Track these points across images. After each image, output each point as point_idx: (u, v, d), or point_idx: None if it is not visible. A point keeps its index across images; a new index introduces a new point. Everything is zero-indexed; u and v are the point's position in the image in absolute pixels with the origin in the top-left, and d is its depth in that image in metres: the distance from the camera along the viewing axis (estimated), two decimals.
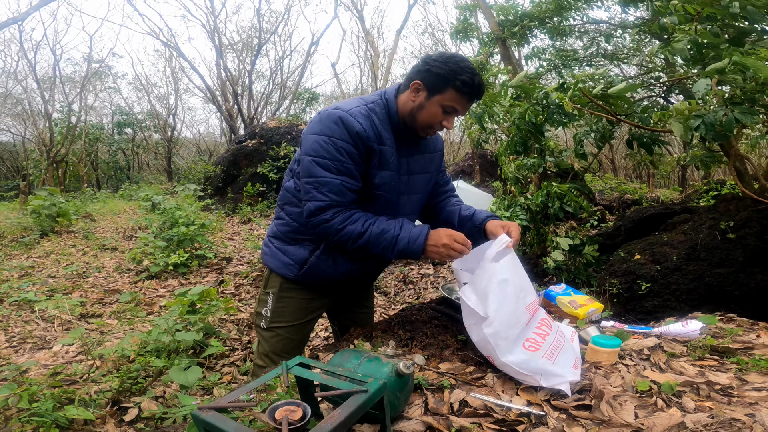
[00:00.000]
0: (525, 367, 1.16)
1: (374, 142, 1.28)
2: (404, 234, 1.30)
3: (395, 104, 1.34)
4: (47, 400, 1.58)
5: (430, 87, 1.27)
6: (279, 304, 1.52)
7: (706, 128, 2.03)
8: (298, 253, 1.45)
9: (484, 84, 1.30)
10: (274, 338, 1.53)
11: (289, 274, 1.46)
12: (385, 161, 1.31)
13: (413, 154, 1.42)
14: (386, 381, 0.85)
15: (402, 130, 1.36)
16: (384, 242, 1.29)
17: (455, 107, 1.28)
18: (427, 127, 1.33)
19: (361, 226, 1.29)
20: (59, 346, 2.67)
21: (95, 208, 9.16)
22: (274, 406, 0.77)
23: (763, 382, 1.21)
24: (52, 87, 15.26)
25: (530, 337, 1.23)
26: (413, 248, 1.29)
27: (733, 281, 2.33)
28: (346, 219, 1.29)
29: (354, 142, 1.25)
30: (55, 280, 4.38)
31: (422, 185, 1.50)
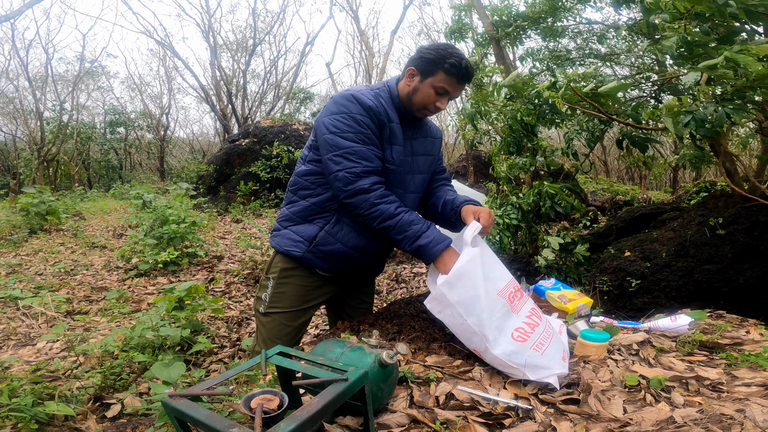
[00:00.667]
0: (513, 360, 1.14)
1: (384, 117, 1.39)
2: (431, 233, 1.34)
3: (396, 90, 1.46)
4: (27, 395, 1.53)
5: (423, 71, 1.38)
6: (278, 290, 1.56)
7: (696, 124, 2.02)
8: (309, 230, 1.50)
9: (471, 67, 1.39)
10: (271, 323, 1.56)
11: (297, 251, 1.50)
12: (395, 137, 1.41)
13: (416, 137, 1.54)
14: (367, 370, 0.83)
15: (404, 114, 1.47)
16: (410, 232, 1.34)
17: (446, 88, 1.38)
18: (423, 108, 1.43)
19: (395, 209, 1.34)
20: (43, 342, 2.62)
21: (85, 206, 9.05)
22: (251, 395, 0.75)
23: (752, 378, 1.21)
24: (44, 86, 15.10)
25: (519, 326, 1.21)
26: (433, 250, 1.33)
27: (722, 278, 2.33)
28: (383, 197, 1.35)
29: (369, 116, 1.36)
30: (42, 277, 4.31)
31: (425, 166, 1.59)
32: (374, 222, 1.36)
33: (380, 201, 1.34)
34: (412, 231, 1.34)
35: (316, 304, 1.64)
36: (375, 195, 1.34)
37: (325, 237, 1.49)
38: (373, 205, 1.34)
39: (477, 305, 1.17)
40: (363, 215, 1.36)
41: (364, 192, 1.33)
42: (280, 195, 8.66)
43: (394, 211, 1.34)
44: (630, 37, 6.44)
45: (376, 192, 1.34)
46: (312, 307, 1.63)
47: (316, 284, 1.58)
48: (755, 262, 2.30)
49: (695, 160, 3.14)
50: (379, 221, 1.35)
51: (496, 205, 4.24)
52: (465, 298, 1.18)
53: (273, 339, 1.55)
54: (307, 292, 1.58)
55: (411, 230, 1.34)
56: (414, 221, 1.35)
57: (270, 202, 8.59)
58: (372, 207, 1.34)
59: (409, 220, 1.35)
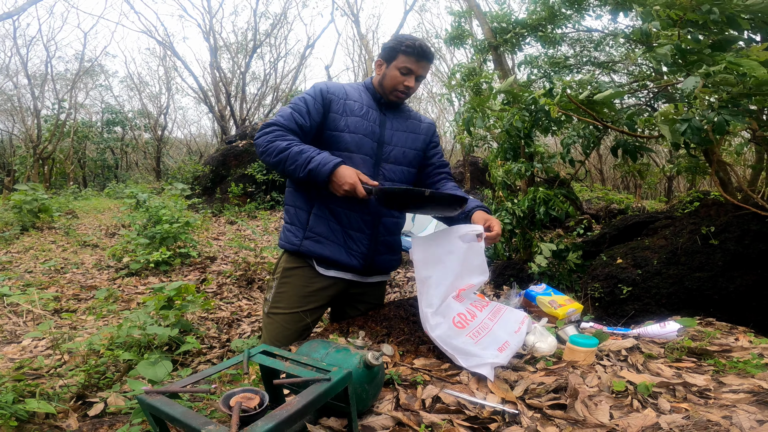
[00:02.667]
0: (447, 343, 1.19)
1: (335, 96, 1.58)
2: (318, 157, 1.44)
3: (371, 83, 1.68)
4: (8, 392, 1.51)
5: (387, 58, 1.58)
6: (280, 290, 1.63)
7: (692, 132, 2.03)
8: (299, 217, 1.61)
9: (428, 46, 1.56)
10: (272, 325, 1.62)
11: (295, 240, 1.59)
12: (350, 110, 1.58)
13: (399, 129, 1.67)
14: (351, 371, 0.82)
15: (379, 100, 1.65)
16: (300, 160, 1.45)
17: (408, 67, 1.54)
18: (394, 90, 1.59)
19: (286, 144, 1.47)
20: (28, 340, 2.58)
21: (79, 205, 8.98)
22: (230, 393, 0.73)
23: (740, 384, 1.20)
24: (43, 83, 15.03)
25: (461, 312, 1.27)
26: (322, 170, 1.42)
27: (713, 285, 2.34)
28: (279, 136, 1.50)
29: (314, 95, 1.57)
30: (31, 275, 4.26)
31: (408, 159, 1.68)
32: (271, 157, 1.48)
33: (275, 138, 1.49)
34: (302, 159, 1.45)
35: (317, 306, 1.65)
36: (272, 135, 1.50)
37: (316, 222, 1.58)
38: (270, 142, 1.49)
39: (435, 292, 1.24)
40: (262, 153, 1.51)
41: (265, 134, 1.51)
42: (276, 197, 8.63)
43: (285, 145, 1.47)
44: (627, 45, 6.50)
45: (273, 133, 1.50)
46: (313, 310, 1.64)
47: (317, 285, 1.62)
48: (745, 270, 2.31)
49: (690, 169, 3.16)
50: (274, 155, 1.48)
51: (491, 210, 4.24)
52: (430, 281, 1.25)
53: (274, 341, 1.58)
54: (308, 293, 1.61)
55: (301, 158, 1.45)
56: (304, 150, 1.46)
57: (265, 204, 8.56)
58: (268, 144, 1.49)
59: (299, 149, 1.46)
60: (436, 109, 24.15)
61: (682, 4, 2.09)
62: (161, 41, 15.66)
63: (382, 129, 1.64)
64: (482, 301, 1.37)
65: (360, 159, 1.58)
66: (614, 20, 6.01)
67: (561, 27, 6.01)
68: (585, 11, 5.54)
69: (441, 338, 1.19)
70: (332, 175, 1.42)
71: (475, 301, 1.35)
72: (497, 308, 1.38)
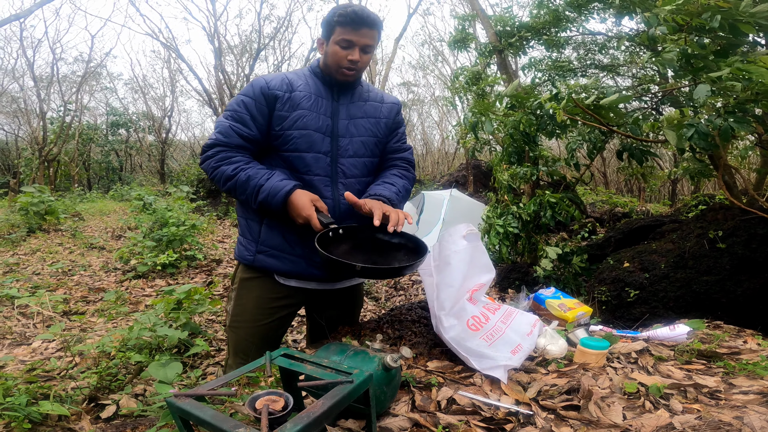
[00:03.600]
0: (461, 345, 1.19)
1: (279, 90, 1.39)
2: (267, 186, 1.32)
3: (317, 65, 1.49)
4: (21, 394, 1.53)
5: (325, 35, 1.43)
6: (239, 301, 1.50)
7: (698, 137, 2.04)
8: (251, 229, 1.46)
9: (365, 11, 1.39)
10: (235, 338, 1.50)
11: (248, 255, 1.45)
12: (295, 104, 1.40)
13: (354, 101, 1.50)
14: (372, 373, 0.83)
15: (331, 82, 1.47)
16: (248, 190, 1.33)
17: (347, 39, 1.37)
18: (339, 67, 1.41)
19: (232, 170, 1.34)
20: (39, 342, 2.60)
21: (85, 207, 9.04)
22: (255, 396, 0.75)
23: (750, 386, 1.21)
24: (48, 86, 15.12)
25: (475, 315, 1.27)
26: (273, 202, 1.31)
27: (720, 289, 2.35)
28: (224, 159, 1.35)
29: (254, 96, 1.39)
30: (39, 277, 4.29)
31: (368, 128, 1.51)
32: (221, 184, 1.36)
33: (220, 164, 1.35)
34: (250, 188, 1.32)
35: (281, 317, 1.51)
36: (215, 159, 1.36)
37: (269, 234, 1.43)
38: (215, 169, 1.36)
39: (446, 295, 1.25)
40: (212, 180, 1.39)
41: (208, 159, 1.37)
42: None
43: (231, 172, 1.33)
44: (632, 49, 6.51)
45: (217, 156, 1.36)
46: (278, 321, 1.51)
47: (278, 295, 1.48)
48: (753, 274, 2.31)
49: (695, 173, 3.16)
50: (222, 184, 1.36)
51: (496, 214, 4.25)
52: (441, 283, 1.25)
53: (239, 355, 1.47)
54: (269, 306, 1.47)
55: (249, 187, 1.33)
56: (251, 177, 1.32)
57: None
58: (214, 171, 1.36)
59: (245, 178, 1.32)
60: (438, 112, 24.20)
61: (689, 10, 2.10)
62: (166, 44, 15.75)
63: (335, 120, 1.45)
64: (494, 305, 1.38)
65: (312, 158, 1.41)
66: (618, 23, 6.03)
67: (565, 30, 6.03)
68: (589, 14, 5.56)
69: (454, 340, 1.21)
70: (285, 205, 1.31)
71: (488, 304, 1.36)
72: (509, 311, 1.39)
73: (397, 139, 1.61)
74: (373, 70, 11.20)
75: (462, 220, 6.03)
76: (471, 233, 1.36)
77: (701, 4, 2.02)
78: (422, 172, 24.49)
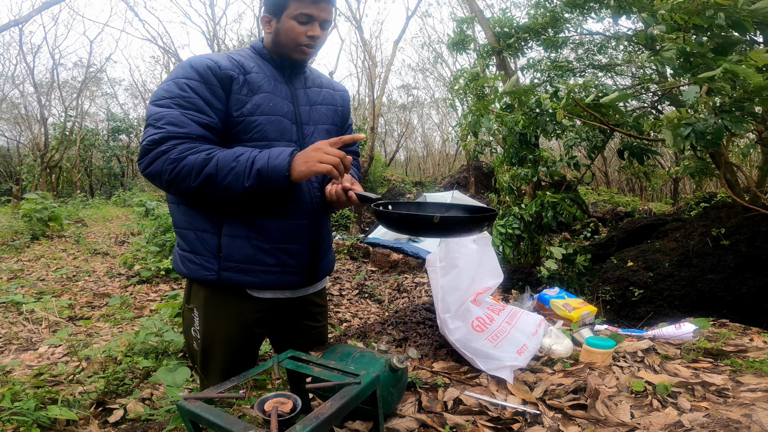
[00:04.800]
0: (466, 347, 1.20)
1: (232, 71, 1.18)
2: (264, 153, 1.09)
3: (262, 46, 1.30)
4: (30, 399, 1.54)
5: (275, 11, 1.22)
6: (208, 325, 1.26)
7: (696, 136, 2.05)
8: (206, 243, 1.20)
9: None
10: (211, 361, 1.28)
11: (207, 273, 1.20)
12: (255, 86, 1.20)
13: (310, 86, 1.36)
14: (379, 374, 0.84)
15: (282, 65, 1.29)
16: (238, 166, 1.07)
17: (305, 13, 1.20)
18: (295, 46, 1.23)
19: (206, 154, 1.08)
20: (45, 347, 2.61)
21: (87, 213, 9.08)
22: (264, 399, 0.75)
23: (758, 384, 1.21)
24: (49, 91, 15.20)
25: (480, 316, 1.28)
26: (276, 164, 1.07)
27: (725, 287, 2.34)
28: (188, 149, 1.08)
29: (202, 77, 1.15)
30: (44, 283, 4.31)
31: (328, 116, 1.38)
32: (191, 181, 1.07)
33: (185, 154, 1.07)
34: (240, 163, 1.07)
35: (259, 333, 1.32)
36: (176, 151, 1.07)
37: (230, 244, 1.19)
38: (176, 162, 1.07)
39: (452, 297, 1.25)
40: (172, 180, 1.08)
41: (162, 154, 1.07)
42: None
43: (205, 155, 1.07)
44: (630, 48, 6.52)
45: (176, 149, 1.08)
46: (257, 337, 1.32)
47: (254, 308, 1.27)
48: (757, 272, 2.31)
49: (696, 171, 3.17)
50: (194, 177, 1.07)
51: (498, 215, 4.26)
52: (447, 286, 1.25)
53: (217, 376, 1.26)
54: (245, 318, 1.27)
55: (239, 163, 1.07)
56: (237, 152, 1.09)
57: None
58: (176, 165, 1.07)
59: (232, 153, 1.09)
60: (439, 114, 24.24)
61: (688, 8, 2.11)
62: (165, 48, 15.83)
63: (296, 106, 1.29)
64: (499, 306, 1.39)
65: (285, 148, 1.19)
66: (615, 23, 6.05)
67: (563, 31, 6.04)
68: (587, 14, 5.58)
69: (460, 342, 1.21)
70: (291, 164, 1.08)
71: (492, 305, 1.37)
72: (513, 312, 1.40)
73: (349, 130, 1.50)
74: (373, 73, 11.23)
75: None
76: (482, 237, 1.35)
77: (700, 2, 2.03)
78: (423, 174, 24.52)
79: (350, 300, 4.37)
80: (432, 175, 22.32)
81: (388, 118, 24.71)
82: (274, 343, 1.46)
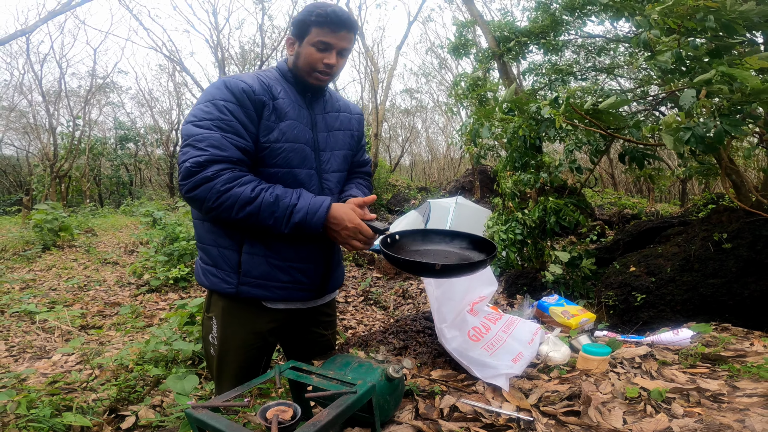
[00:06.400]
0: (463, 355, 1.23)
1: (264, 96, 1.23)
2: (302, 204, 1.16)
3: (287, 68, 1.35)
4: (45, 407, 1.59)
5: (298, 35, 1.28)
6: (226, 331, 1.35)
7: (696, 141, 2.06)
8: (227, 259, 1.28)
9: (343, 11, 1.28)
10: (226, 367, 1.38)
11: (227, 287, 1.29)
12: (282, 113, 1.25)
13: (328, 111, 1.41)
14: (375, 384, 0.88)
15: (302, 89, 1.35)
16: (278, 211, 1.14)
17: (324, 41, 1.25)
18: (312, 71, 1.29)
19: (251, 191, 1.13)
20: (59, 355, 2.68)
21: (97, 223, 9.23)
22: (266, 407, 0.80)
23: (754, 389, 1.22)
24: (57, 100, 15.44)
25: (476, 326, 1.32)
26: (312, 222, 1.16)
27: (727, 291, 2.35)
28: (234, 179, 1.13)
29: (239, 101, 1.19)
30: (56, 292, 4.41)
31: (345, 142, 1.44)
32: (232, 213, 1.13)
33: (231, 185, 1.12)
34: (281, 210, 1.14)
35: (271, 342, 1.43)
36: (221, 180, 1.12)
37: (250, 261, 1.27)
38: (221, 193, 1.11)
39: (447, 308, 1.28)
40: (214, 208, 1.13)
41: (207, 181, 1.11)
42: None
43: (250, 193, 1.12)
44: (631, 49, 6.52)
45: (222, 177, 1.12)
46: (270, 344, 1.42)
47: (267, 318, 1.36)
48: (759, 276, 2.31)
49: (701, 172, 3.17)
50: (237, 210, 1.13)
51: (501, 221, 4.28)
52: (442, 297, 1.29)
53: (231, 380, 1.36)
54: (259, 327, 1.36)
55: (280, 209, 1.14)
56: (280, 196, 1.15)
57: None
58: (222, 195, 1.11)
59: (272, 198, 1.14)
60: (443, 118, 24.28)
61: (679, 12, 2.13)
62: (170, 57, 16.06)
63: (315, 132, 1.34)
64: (496, 314, 1.42)
65: (306, 175, 1.29)
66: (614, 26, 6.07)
67: (563, 34, 6.07)
68: (587, 17, 5.60)
69: (457, 351, 1.25)
70: (327, 221, 1.17)
71: (489, 314, 1.40)
72: (510, 321, 1.43)
73: (362, 151, 1.55)
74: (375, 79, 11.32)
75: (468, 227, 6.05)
76: None
77: (690, 6, 2.05)
78: (428, 179, 24.54)
79: (355, 307, 4.41)
80: (437, 180, 22.33)
81: (392, 123, 24.83)
82: (286, 349, 1.57)
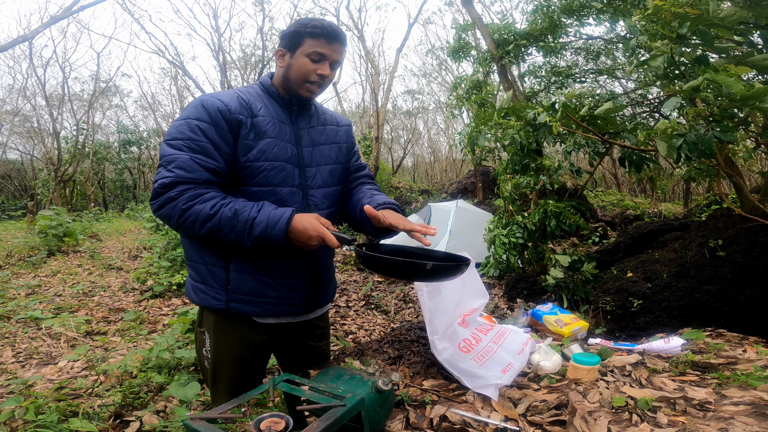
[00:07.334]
0: (454, 366, 1.27)
1: (241, 115, 1.24)
2: (262, 217, 1.15)
3: (270, 83, 1.35)
4: (52, 412, 1.64)
5: (290, 46, 1.30)
6: (217, 344, 1.38)
7: (688, 147, 2.09)
8: (215, 276, 1.30)
9: (336, 26, 1.30)
10: (222, 378, 1.41)
11: (217, 303, 1.31)
12: (261, 131, 1.26)
13: (314, 125, 1.41)
14: (364, 396, 0.92)
15: (289, 103, 1.35)
16: (238, 226, 1.15)
17: (318, 52, 1.27)
18: (304, 82, 1.30)
19: (211, 208, 1.15)
20: (65, 361, 2.74)
21: (101, 227, 9.31)
22: (260, 418, 0.84)
23: (741, 397, 1.24)
24: (60, 105, 15.53)
25: (467, 338, 1.35)
26: (272, 235, 1.15)
27: (722, 297, 2.37)
28: (195, 198, 1.16)
29: (213, 120, 1.20)
30: (61, 298, 4.47)
31: (332, 155, 1.43)
32: (195, 230, 1.16)
33: (192, 203, 1.15)
34: (240, 224, 1.15)
35: (264, 353, 1.46)
36: (183, 199, 1.15)
37: (239, 279, 1.29)
38: (183, 211, 1.14)
39: (439, 320, 1.32)
40: (180, 225, 1.17)
41: (171, 200, 1.15)
42: None
43: (210, 210, 1.14)
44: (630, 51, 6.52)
45: (184, 195, 1.15)
46: (262, 356, 1.45)
47: (258, 331, 1.38)
48: (754, 282, 2.33)
49: (703, 173, 3.18)
50: (198, 226, 1.15)
51: (501, 224, 4.31)
52: (434, 310, 1.32)
53: (226, 391, 1.40)
54: (250, 339, 1.39)
55: (239, 224, 1.15)
56: (239, 211, 1.15)
57: None
58: (183, 213, 1.14)
59: (231, 213, 1.15)
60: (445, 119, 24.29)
61: (665, 18, 2.15)
62: (172, 61, 16.17)
63: (299, 147, 1.33)
64: (488, 325, 1.45)
65: (288, 193, 1.29)
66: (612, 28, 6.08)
67: (562, 36, 6.09)
68: (584, 19, 5.62)
69: (448, 362, 1.28)
70: (288, 233, 1.16)
71: (481, 325, 1.43)
72: (501, 331, 1.46)
73: (356, 158, 1.56)
74: (376, 81, 11.36)
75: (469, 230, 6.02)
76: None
77: (673, 12, 2.07)
78: (430, 181, 24.54)
79: (356, 311, 4.45)
80: (440, 181, 22.33)
81: (394, 124, 24.86)
82: (280, 360, 1.61)
